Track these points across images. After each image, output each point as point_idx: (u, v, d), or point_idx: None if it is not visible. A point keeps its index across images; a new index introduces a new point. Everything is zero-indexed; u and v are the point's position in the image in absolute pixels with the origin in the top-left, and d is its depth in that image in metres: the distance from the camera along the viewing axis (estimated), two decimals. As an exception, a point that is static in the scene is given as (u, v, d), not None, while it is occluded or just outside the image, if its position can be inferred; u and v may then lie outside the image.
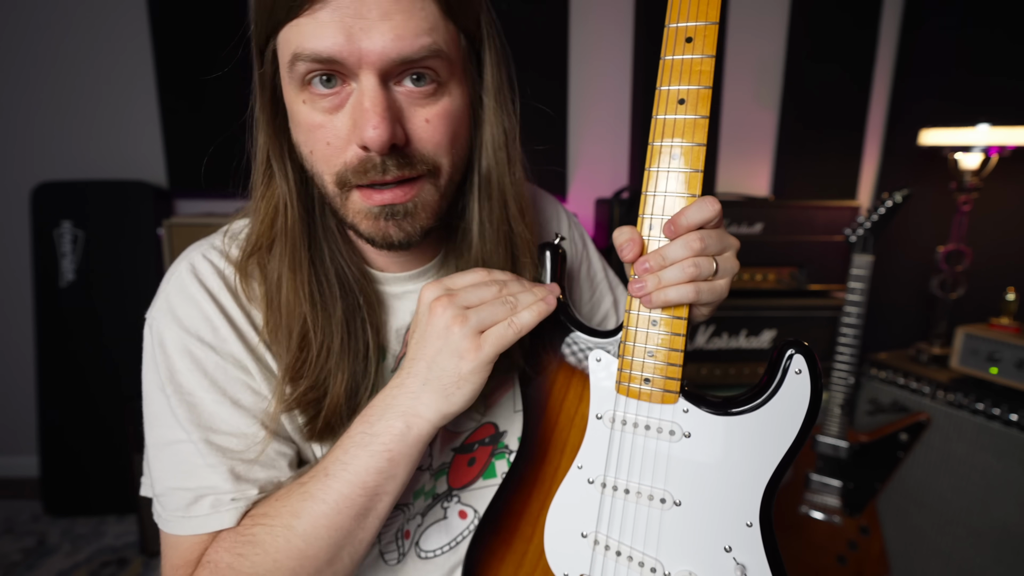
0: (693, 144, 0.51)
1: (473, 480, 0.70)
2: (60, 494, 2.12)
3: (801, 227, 1.85)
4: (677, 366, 0.53)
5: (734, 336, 1.82)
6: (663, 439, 0.55)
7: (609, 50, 2.22)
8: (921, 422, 1.55)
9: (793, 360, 0.50)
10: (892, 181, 2.21)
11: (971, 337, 1.56)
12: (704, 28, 0.49)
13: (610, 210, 1.85)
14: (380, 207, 0.53)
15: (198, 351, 0.56)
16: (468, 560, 0.65)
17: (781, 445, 0.51)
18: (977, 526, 1.49)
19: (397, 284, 0.64)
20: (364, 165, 0.51)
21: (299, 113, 0.51)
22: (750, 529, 0.52)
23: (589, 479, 0.58)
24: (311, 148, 0.53)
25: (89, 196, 2.06)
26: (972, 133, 1.63)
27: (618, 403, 0.57)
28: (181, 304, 0.58)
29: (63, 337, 2.08)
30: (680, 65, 0.50)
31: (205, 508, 0.55)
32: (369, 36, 0.46)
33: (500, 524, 0.63)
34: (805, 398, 0.50)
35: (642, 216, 0.53)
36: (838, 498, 1.56)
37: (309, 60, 0.47)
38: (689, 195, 0.51)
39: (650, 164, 0.52)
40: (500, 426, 0.70)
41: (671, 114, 0.51)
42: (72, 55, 2.09)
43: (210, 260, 0.60)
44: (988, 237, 1.91)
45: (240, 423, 0.57)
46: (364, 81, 0.48)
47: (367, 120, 0.48)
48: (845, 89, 2.20)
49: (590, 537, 0.58)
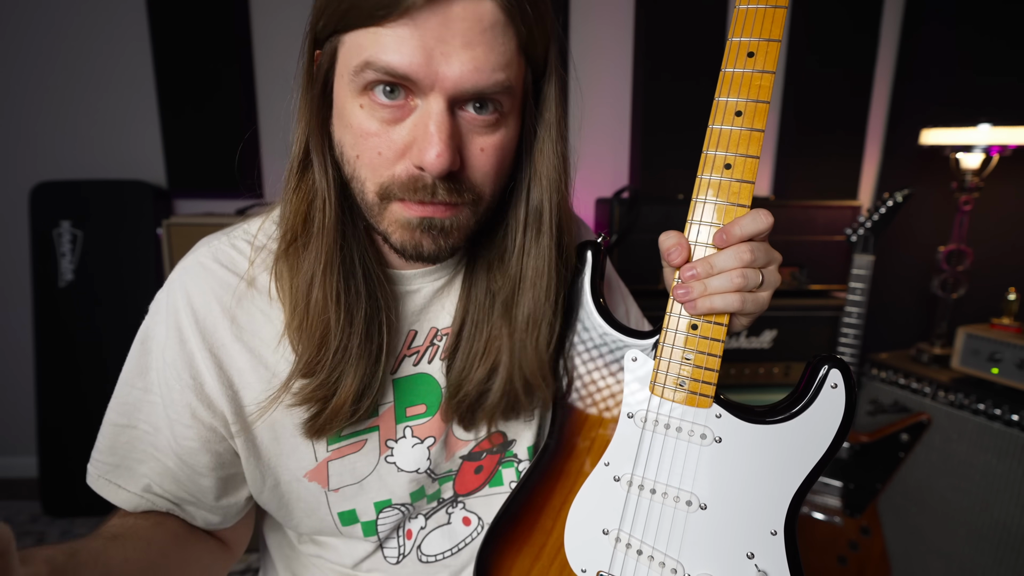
0: (747, 156, 0.52)
1: (479, 487, 0.69)
2: (59, 495, 2.11)
3: (802, 227, 1.85)
4: (714, 371, 0.54)
5: (735, 336, 1.82)
6: (694, 442, 0.55)
7: (609, 50, 2.22)
8: (922, 422, 1.54)
9: (830, 374, 0.52)
10: (893, 181, 2.20)
11: (972, 337, 1.56)
12: (767, 44, 0.51)
13: (610, 210, 1.85)
14: (420, 219, 0.52)
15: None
16: (483, 549, 0.65)
17: (812, 456, 0.52)
18: (978, 527, 1.48)
19: (405, 282, 0.63)
20: (415, 183, 0.50)
21: (353, 116, 0.50)
22: (774, 537, 0.53)
23: (615, 476, 0.59)
24: (358, 152, 0.51)
25: (88, 196, 2.06)
26: (973, 133, 1.63)
27: (651, 403, 0.57)
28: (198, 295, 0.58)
29: (62, 337, 2.07)
30: (740, 78, 0.52)
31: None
32: (448, 62, 0.46)
33: (520, 515, 0.63)
34: (839, 412, 0.52)
35: (690, 222, 0.54)
36: (839, 498, 1.56)
37: (381, 72, 0.47)
38: (739, 205, 0.52)
39: (702, 171, 0.53)
40: (509, 435, 0.69)
41: (728, 125, 0.52)
42: (72, 55, 2.08)
43: (237, 248, 0.61)
44: (989, 237, 1.90)
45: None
46: (432, 103, 0.48)
47: (430, 144, 0.48)
48: (846, 89, 2.19)
49: (612, 534, 0.59)
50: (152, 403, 0.59)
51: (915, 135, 1.80)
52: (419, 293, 0.64)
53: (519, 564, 0.62)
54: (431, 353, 0.65)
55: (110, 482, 0.60)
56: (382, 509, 0.64)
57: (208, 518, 0.63)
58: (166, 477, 0.60)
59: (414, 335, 0.64)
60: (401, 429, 0.63)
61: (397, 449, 0.63)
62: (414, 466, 0.64)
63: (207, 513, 0.62)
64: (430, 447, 0.64)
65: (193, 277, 0.59)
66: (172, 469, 0.59)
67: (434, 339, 0.65)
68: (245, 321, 0.59)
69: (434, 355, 0.65)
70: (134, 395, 0.60)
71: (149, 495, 0.59)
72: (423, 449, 0.64)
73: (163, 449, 0.59)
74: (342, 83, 0.51)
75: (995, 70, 1.93)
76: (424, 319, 0.65)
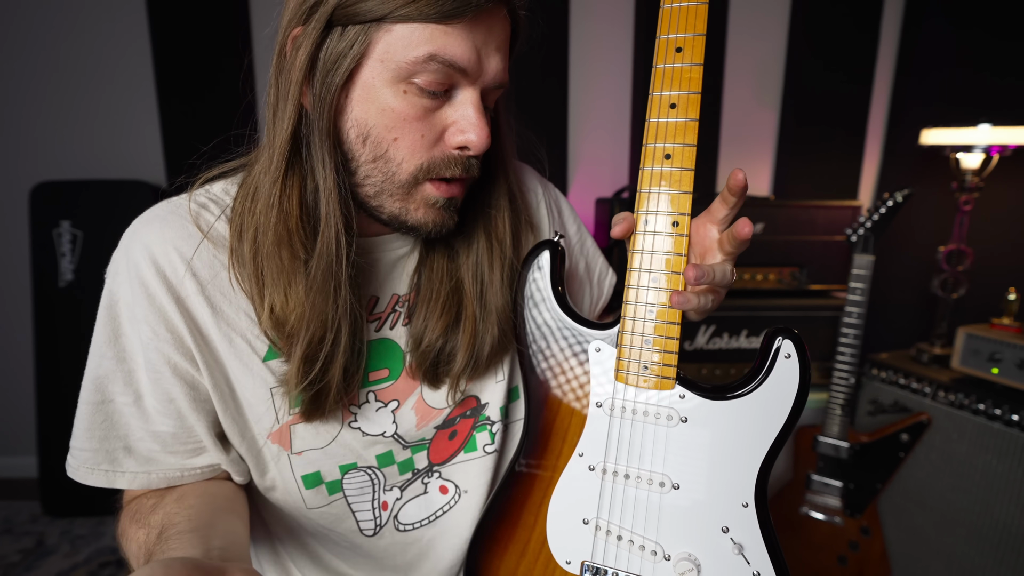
0: (685, 145, 0.55)
1: (454, 454, 0.70)
2: (59, 494, 2.11)
3: (802, 227, 1.85)
4: (673, 353, 0.56)
5: (734, 336, 1.82)
6: (661, 424, 0.57)
7: (609, 50, 2.22)
8: (922, 422, 1.54)
9: (783, 346, 0.53)
10: (893, 181, 2.20)
11: (972, 337, 1.55)
12: (692, 39, 0.54)
13: (610, 210, 1.85)
14: (447, 199, 0.59)
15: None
16: (471, 551, 0.66)
17: (773, 426, 0.54)
18: (978, 526, 1.48)
19: (364, 252, 0.64)
20: (454, 161, 0.58)
21: (393, 100, 0.54)
22: (746, 509, 0.55)
23: (590, 466, 0.60)
24: (397, 136, 0.55)
25: (88, 196, 2.06)
26: (973, 133, 1.62)
27: (617, 390, 0.59)
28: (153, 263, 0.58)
29: (62, 337, 2.08)
30: (672, 72, 0.55)
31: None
32: (489, 60, 0.55)
33: (503, 515, 0.65)
34: (795, 380, 0.53)
35: (638, 213, 0.58)
36: (839, 498, 1.56)
37: (447, 64, 0.53)
38: (683, 192, 0.55)
39: (644, 164, 0.57)
40: (481, 398, 0.71)
41: (664, 117, 0.56)
42: (72, 55, 2.08)
43: (197, 202, 0.63)
44: (989, 237, 1.90)
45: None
46: (472, 92, 0.56)
47: (475, 127, 0.56)
48: (846, 89, 2.20)
49: (592, 523, 0.60)
50: (129, 371, 0.59)
51: (915, 135, 1.80)
52: (379, 261, 0.66)
53: (506, 562, 0.63)
54: (393, 319, 0.67)
55: (98, 469, 0.59)
56: (347, 471, 0.65)
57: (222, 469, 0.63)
58: (158, 443, 0.59)
59: (376, 301, 0.66)
60: (364, 394, 0.64)
61: (360, 414, 0.64)
62: (379, 430, 0.65)
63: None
64: (395, 411, 0.65)
65: (150, 229, 0.60)
66: (163, 433, 0.59)
67: (396, 305, 0.67)
68: (206, 274, 0.59)
69: (396, 321, 0.67)
70: (105, 366, 0.59)
71: (151, 468, 0.60)
72: (387, 413, 0.65)
73: (150, 415, 0.59)
74: (380, 68, 0.53)
75: (995, 70, 1.93)
76: (386, 285, 0.67)
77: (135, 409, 0.59)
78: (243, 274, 0.58)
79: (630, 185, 2.20)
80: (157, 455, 0.60)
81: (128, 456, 0.60)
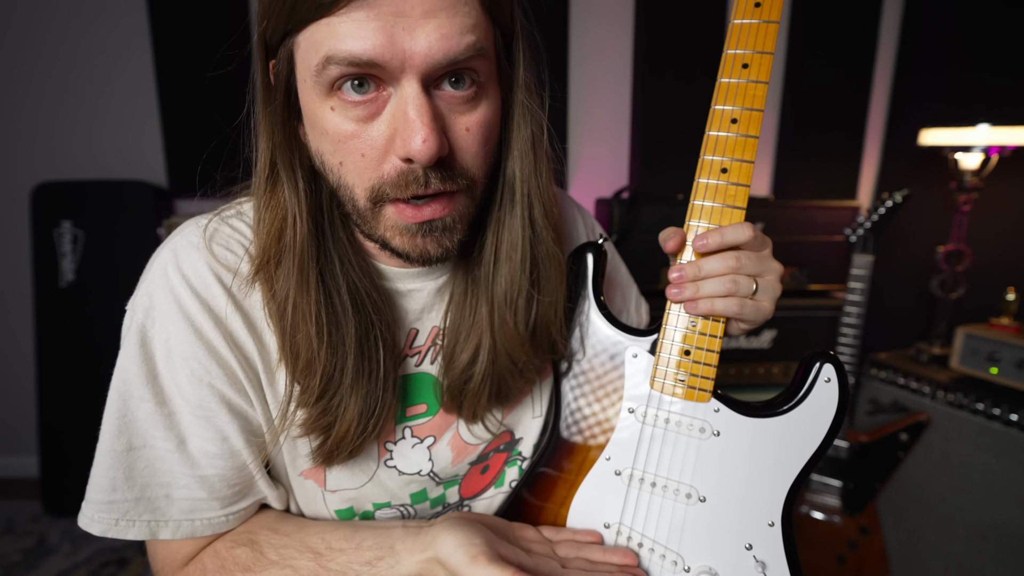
0: (743, 160, 0.55)
1: (484, 489, 0.69)
2: (60, 494, 2.12)
3: (801, 227, 1.85)
4: (712, 367, 0.56)
5: (734, 336, 1.82)
6: (693, 436, 0.57)
7: (609, 50, 2.22)
8: (921, 422, 1.55)
9: (823, 369, 0.54)
10: (892, 181, 2.20)
11: (971, 337, 1.56)
12: (760, 56, 0.54)
13: (610, 210, 1.85)
14: (419, 224, 0.49)
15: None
16: None
17: (807, 448, 0.54)
18: (977, 526, 1.49)
19: (405, 281, 0.61)
20: (405, 178, 0.47)
21: (326, 121, 0.47)
22: (771, 528, 0.55)
23: (616, 471, 0.60)
24: (341, 159, 0.48)
25: (89, 196, 2.06)
26: (972, 133, 1.63)
27: (651, 399, 0.59)
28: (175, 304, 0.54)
29: (63, 337, 2.08)
30: (736, 88, 0.55)
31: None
32: (412, 36, 0.43)
33: (523, 512, 0.64)
34: (833, 405, 0.54)
35: (688, 224, 0.57)
36: (838, 498, 1.57)
37: (345, 63, 0.43)
38: (735, 207, 0.55)
39: (700, 175, 0.56)
40: (516, 433, 0.69)
41: (724, 131, 0.55)
42: (72, 55, 2.09)
43: (231, 226, 0.57)
44: (988, 237, 1.91)
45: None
46: (406, 87, 0.45)
47: (413, 131, 0.44)
48: (845, 89, 2.20)
49: (613, 528, 0.60)
50: (170, 413, 0.54)
51: (914, 135, 1.80)
52: (421, 292, 0.61)
53: None
54: (433, 353, 0.63)
55: (140, 520, 0.55)
56: (380, 508, 0.64)
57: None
58: (205, 489, 0.55)
59: (415, 334, 0.62)
60: (400, 430, 0.62)
61: (396, 451, 0.62)
62: (415, 468, 0.63)
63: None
64: (430, 447, 0.63)
65: (186, 258, 0.55)
66: (210, 477, 0.55)
67: (436, 339, 0.63)
68: (247, 304, 0.55)
69: (436, 355, 0.63)
70: (145, 409, 0.54)
71: (196, 516, 0.56)
72: (423, 450, 0.63)
73: (196, 459, 0.54)
74: (306, 88, 0.47)
75: (995, 70, 1.93)
76: (426, 318, 0.62)
77: (178, 455, 0.54)
78: (271, 308, 0.54)
79: (630, 185, 2.20)
80: (201, 502, 0.56)
81: (170, 505, 0.55)
